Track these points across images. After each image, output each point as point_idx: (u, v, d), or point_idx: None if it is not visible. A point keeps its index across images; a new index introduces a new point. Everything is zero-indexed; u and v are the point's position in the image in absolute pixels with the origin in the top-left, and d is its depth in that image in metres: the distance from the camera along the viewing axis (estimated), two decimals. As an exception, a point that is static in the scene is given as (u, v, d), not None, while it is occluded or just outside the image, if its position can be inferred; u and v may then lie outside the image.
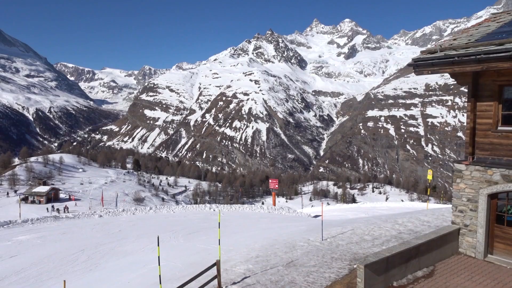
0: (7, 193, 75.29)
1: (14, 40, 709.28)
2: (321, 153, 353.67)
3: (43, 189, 77.88)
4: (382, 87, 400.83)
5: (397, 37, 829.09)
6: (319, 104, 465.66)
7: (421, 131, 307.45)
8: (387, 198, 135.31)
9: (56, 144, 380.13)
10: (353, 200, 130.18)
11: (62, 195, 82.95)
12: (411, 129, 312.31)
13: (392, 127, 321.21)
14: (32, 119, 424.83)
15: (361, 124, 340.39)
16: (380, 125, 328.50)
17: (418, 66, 8.85)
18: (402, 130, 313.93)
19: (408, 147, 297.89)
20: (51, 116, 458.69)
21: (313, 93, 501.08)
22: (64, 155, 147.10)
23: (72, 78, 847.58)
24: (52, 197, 76.65)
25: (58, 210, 60.70)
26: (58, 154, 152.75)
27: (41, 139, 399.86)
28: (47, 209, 62.51)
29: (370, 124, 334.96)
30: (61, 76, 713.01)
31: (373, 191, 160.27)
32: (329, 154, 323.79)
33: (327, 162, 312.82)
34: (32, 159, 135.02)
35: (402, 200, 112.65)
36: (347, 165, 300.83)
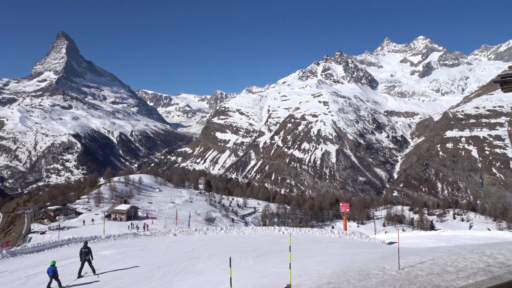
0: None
1: (103, 71, 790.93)
2: (395, 176, 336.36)
3: (124, 207, 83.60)
4: (462, 105, 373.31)
5: (477, 52, 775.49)
6: (391, 125, 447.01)
7: (509, 153, 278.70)
8: (470, 226, 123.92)
9: (136, 165, 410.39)
10: (432, 227, 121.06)
11: (140, 213, 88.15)
12: (497, 150, 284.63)
13: (475, 149, 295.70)
14: (116, 142, 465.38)
15: (439, 145, 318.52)
16: (461, 146, 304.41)
17: (506, 82, 8.13)
18: (487, 152, 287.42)
19: (494, 170, 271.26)
20: (132, 139, 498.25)
21: (385, 114, 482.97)
22: (142, 176, 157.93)
23: (151, 104, 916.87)
24: (132, 215, 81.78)
25: (137, 227, 64.48)
26: (137, 175, 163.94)
27: (123, 160, 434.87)
28: (128, 226, 66.77)
29: (449, 145, 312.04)
30: (141, 102, 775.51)
31: (454, 218, 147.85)
32: (404, 177, 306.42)
33: (401, 185, 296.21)
34: (115, 179, 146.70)
35: (489, 229, 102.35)
36: (423, 189, 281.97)
